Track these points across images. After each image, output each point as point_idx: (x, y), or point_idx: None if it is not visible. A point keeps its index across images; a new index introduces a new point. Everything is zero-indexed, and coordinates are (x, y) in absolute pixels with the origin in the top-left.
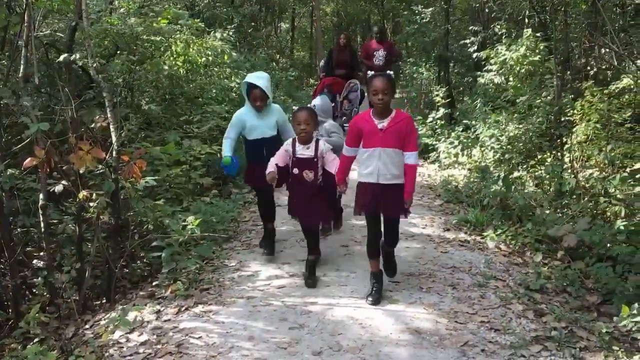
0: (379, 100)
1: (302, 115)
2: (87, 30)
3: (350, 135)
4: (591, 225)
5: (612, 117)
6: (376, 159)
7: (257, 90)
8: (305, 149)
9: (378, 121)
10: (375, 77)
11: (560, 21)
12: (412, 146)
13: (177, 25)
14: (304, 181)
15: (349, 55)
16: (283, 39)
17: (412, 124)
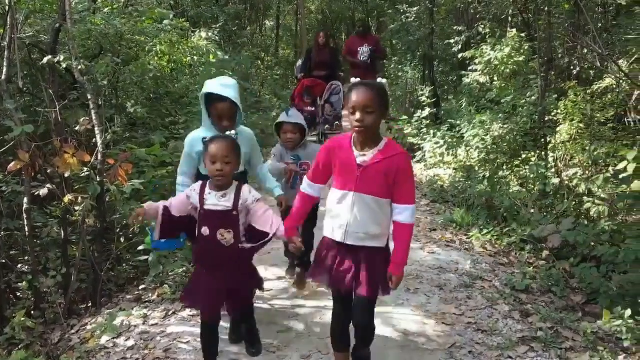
0: (357, 123)
1: (219, 149)
2: (71, 31)
3: (316, 165)
4: (575, 226)
5: (595, 116)
6: (348, 207)
7: (224, 104)
8: (220, 197)
9: (358, 152)
10: (355, 88)
11: (543, 21)
12: (406, 196)
13: (161, 24)
14: (219, 246)
15: (329, 55)
16: (268, 37)
17: (408, 164)
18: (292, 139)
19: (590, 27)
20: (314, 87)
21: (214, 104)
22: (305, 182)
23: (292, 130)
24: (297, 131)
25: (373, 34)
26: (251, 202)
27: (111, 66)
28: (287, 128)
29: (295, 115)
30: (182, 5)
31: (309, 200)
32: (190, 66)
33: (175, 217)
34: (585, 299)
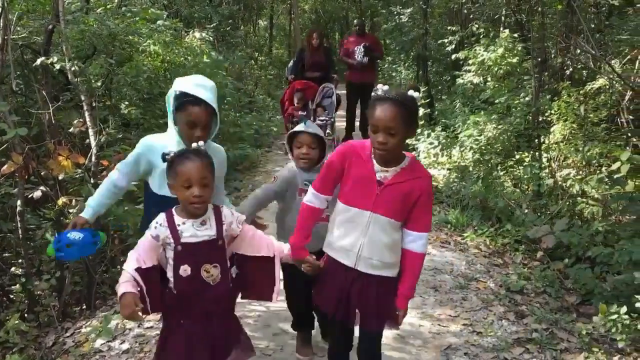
0: (379, 145)
1: (194, 170)
2: (65, 32)
3: (326, 171)
4: (569, 226)
5: (588, 117)
6: (361, 228)
7: (200, 109)
8: (199, 225)
9: (379, 167)
10: (379, 102)
11: (536, 22)
12: (424, 223)
13: (155, 24)
14: (203, 286)
15: (323, 56)
16: (261, 37)
17: (431, 188)
18: (310, 155)
19: (583, 28)
20: (305, 89)
21: (185, 107)
22: (311, 193)
23: (311, 144)
24: (316, 145)
25: (370, 34)
26: (236, 225)
27: (105, 67)
28: (304, 139)
29: (315, 127)
30: (175, 5)
31: (314, 215)
32: (184, 66)
33: (149, 271)
34: (579, 299)
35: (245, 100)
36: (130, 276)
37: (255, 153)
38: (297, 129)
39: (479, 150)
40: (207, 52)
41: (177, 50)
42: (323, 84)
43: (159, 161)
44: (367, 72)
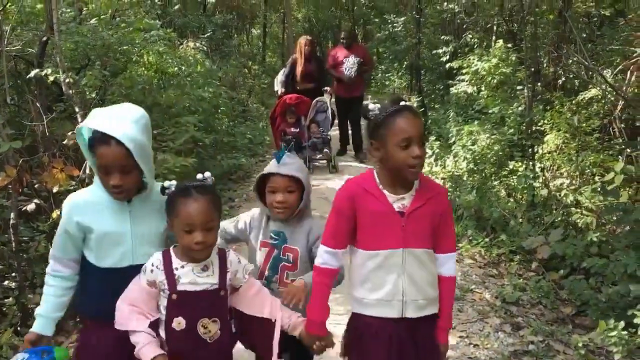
0: (416, 161)
1: (196, 213)
2: (59, 44)
3: (336, 222)
4: (564, 237)
5: (581, 127)
6: (397, 270)
7: (108, 148)
8: (200, 271)
9: (394, 196)
10: (402, 114)
11: (529, 32)
12: (449, 242)
13: (149, 35)
14: (198, 344)
15: (315, 66)
16: (255, 45)
17: (449, 203)
18: (286, 204)
19: (575, 37)
20: (297, 104)
21: (95, 148)
22: (324, 253)
23: (287, 187)
24: (294, 188)
25: (359, 44)
26: (242, 275)
27: (99, 78)
28: (278, 184)
29: (292, 163)
30: (169, 14)
31: (332, 278)
32: (178, 75)
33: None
34: (575, 310)
35: (239, 110)
36: (149, 336)
37: (249, 162)
38: (268, 170)
39: (473, 160)
40: (201, 62)
41: (171, 60)
42: (316, 98)
43: (93, 222)
44: (356, 86)
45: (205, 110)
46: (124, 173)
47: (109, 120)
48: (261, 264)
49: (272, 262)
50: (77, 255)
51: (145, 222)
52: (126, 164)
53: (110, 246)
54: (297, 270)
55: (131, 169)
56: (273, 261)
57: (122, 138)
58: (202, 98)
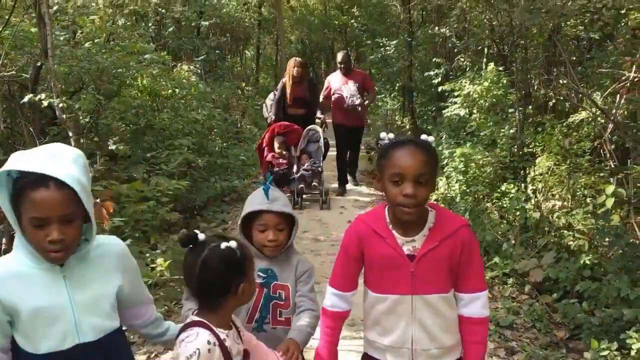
0: (406, 199)
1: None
2: (54, 69)
3: (343, 262)
4: (556, 259)
5: (572, 149)
6: (406, 317)
7: (47, 191)
8: (237, 336)
9: (403, 238)
10: (400, 147)
11: (519, 55)
12: (475, 280)
13: (143, 58)
14: None
15: (306, 90)
16: (248, 67)
17: (473, 237)
18: (277, 242)
19: (565, 60)
20: (287, 133)
21: (25, 195)
22: (332, 295)
23: (278, 225)
24: (284, 225)
25: (358, 70)
26: None
27: (93, 102)
28: (268, 221)
29: (280, 197)
30: (163, 37)
31: (341, 321)
32: (171, 97)
33: None
34: (568, 334)
35: (233, 131)
36: None
37: (242, 184)
38: (258, 207)
39: (466, 182)
40: (195, 85)
41: (165, 82)
42: (308, 127)
43: (19, 299)
44: (359, 114)
45: (199, 132)
46: (64, 224)
47: (43, 159)
48: (250, 307)
49: (264, 301)
50: (5, 343)
51: (88, 286)
52: (69, 211)
53: (45, 325)
54: (289, 308)
55: (74, 218)
56: (264, 301)
57: (65, 178)
58: (195, 120)
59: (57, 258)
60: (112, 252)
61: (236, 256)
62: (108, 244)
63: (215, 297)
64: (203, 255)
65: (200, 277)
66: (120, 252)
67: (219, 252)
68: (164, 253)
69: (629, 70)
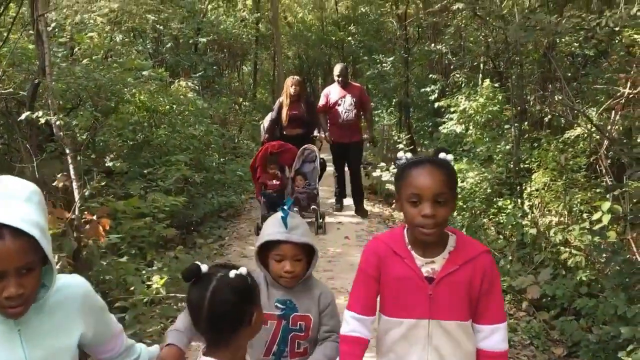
0: (425, 220)
1: None
2: (51, 87)
3: (362, 284)
4: (553, 276)
5: (568, 165)
6: (422, 343)
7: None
8: None
9: (422, 259)
10: (417, 166)
11: (515, 71)
12: (495, 311)
13: (140, 74)
14: None
15: (304, 108)
16: (246, 82)
17: (494, 266)
18: (294, 273)
19: (559, 77)
20: (281, 152)
21: None
22: (351, 319)
23: (296, 256)
24: (302, 256)
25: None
26: None
27: (90, 119)
28: (286, 252)
29: (299, 225)
30: (160, 54)
31: (363, 348)
32: (169, 113)
33: None
34: (566, 352)
35: (230, 146)
36: None
37: (239, 200)
38: (275, 237)
39: (462, 198)
40: (193, 101)
41: (163, 99)
42: (304, 146)
43: None
44: (354, 129)
45: (196, 148)
46: (22, 275)
47: None
48: (268, 340)
49: (282, 334)
50: None
51: (46, 340)
52: (27, 260)
53: None
54: (308, 338)
55: (33, 267)
56: (283, 333)
57: (22, 224)
58: (193, 136)
59: (16, 314)
60: (73, 296)
61: (248, 284)
62: (68, 287)
63: (228, 332)
64: (211, 287)
65: (210, 311)
66: (83, 294)
67: (229, 282)
68: (160, 270)
69: (623, 86)
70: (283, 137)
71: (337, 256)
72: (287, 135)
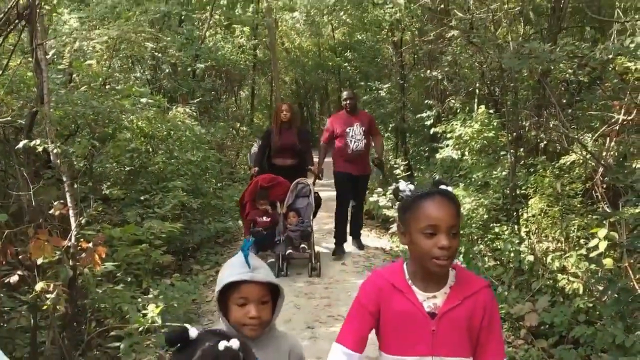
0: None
1: None
2: (49, 115)
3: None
4: (551, 303)
5: (564, 191)
6: None
7: None
8: None
9: (423, 294)
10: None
11: (510, 98)
12: (494, 348)
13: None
14: None
15: (295, 136)
16: (243, 107)
17: (495, 301)
18: (260, 319)
19: (554, 104)
20: (271, 187)
21: None
22: (340, 352)
23: (262, 298)
24: (268, 298)
25: (364, 111)
26: None
27: (88, 147)
28: (251, 294)
29: (262, 266)
30: (158, 80)
31: None
32: (167, 139)
33: None
34: None
35: (227, 172)
36: None
37: (236, 225)
38: (238, 277)
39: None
40: (191, 127)
41: (161, 125)
42: (297, 180)
43: None
44: (364, 160)
45: (193, 173)
46: None
47: None
48: None
49: None
50: None
51: None
52: None
53: None
54: None
55: None
56: None
57: None
58: (190, 161)
59: None
60: None
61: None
62: None
63: None
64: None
65: None
66: None
67: (216, 356)
68: (156, 298)
69: (617, 113)
70: (273, 167)
71: (334, 283)
72: (278, 166)
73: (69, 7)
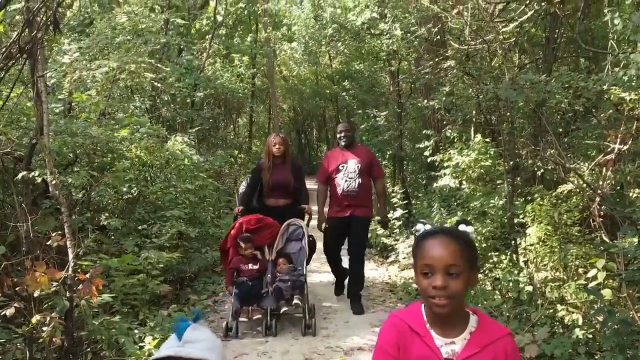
0: (436, 292)
1: None
2: (48, 146)
3: None
4: (551, 334)
5: (561, 219)
6: None
7: None
8: None
9: (441, 339)
10: (429, 237)
11: (506, 127)
12: None
13: (137, 131)
14: None
15: (289, 172)
16: (241, 134)
17: (516, 351)
18: None
19: (550, 133)
20: (257, 230)
21: None
22: None
23: None
24: None
25: (362, 145)
26: None
27: (86, 178)
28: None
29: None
30: (157, 109)
31: None
32: (165, 168)
33: None
34: None
35: (225, 200)
36: None
37: None
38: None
39: None
40: (189, 156)
41: (160, 154)
42: (288, 221)
43: None
44: (358, 202)
45: (191, 202)
46: None
47: None
48: None
49: None
50: None
51: None
52: None
53: None
54: None
55: None
56: None
57: None
58: (188, 190)
59: None
60: None
61: None
62: None
63: None
64: None
65: None
66: None
67: None
68: (153, 329)
69: (613, 142)
70: (263, 208)
71: (332, 313)
72: (269, 206)
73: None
